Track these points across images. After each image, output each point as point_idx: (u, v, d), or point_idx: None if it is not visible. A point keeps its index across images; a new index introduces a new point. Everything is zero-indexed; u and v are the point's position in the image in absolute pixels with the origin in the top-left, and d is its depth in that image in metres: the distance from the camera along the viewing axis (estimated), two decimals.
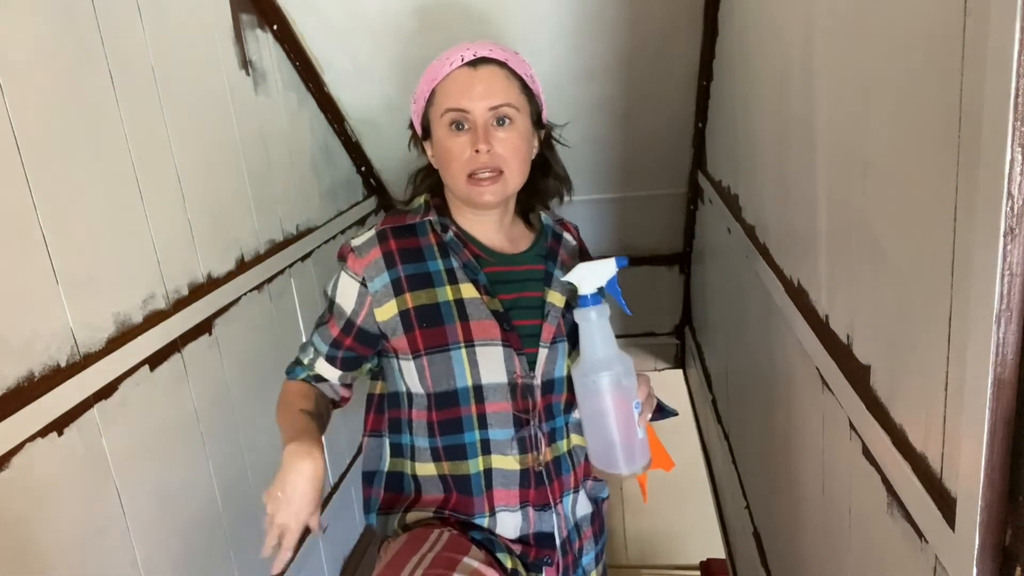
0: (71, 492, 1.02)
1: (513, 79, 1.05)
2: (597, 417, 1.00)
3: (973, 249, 0.58)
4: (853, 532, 0.97)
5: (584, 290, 1.00)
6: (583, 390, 1.00)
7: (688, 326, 2.94)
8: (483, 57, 1.03)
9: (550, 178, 1.18)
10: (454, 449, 1.07)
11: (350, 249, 1.08)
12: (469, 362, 1.04)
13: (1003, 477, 0.58)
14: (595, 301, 1.00)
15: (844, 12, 0.89)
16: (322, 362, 1.13)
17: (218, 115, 1.49)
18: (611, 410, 0.98)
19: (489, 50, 1.04)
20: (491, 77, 1.03)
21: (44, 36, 1.03)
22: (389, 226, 1.09)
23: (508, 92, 1.04)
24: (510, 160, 1.04)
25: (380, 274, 1.06)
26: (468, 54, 1.03)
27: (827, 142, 0.98)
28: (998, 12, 0.52)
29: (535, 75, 1.10)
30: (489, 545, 1.06)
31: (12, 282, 0.94)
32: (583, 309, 0.99)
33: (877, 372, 0.85)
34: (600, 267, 1.01)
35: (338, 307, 1.09)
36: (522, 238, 1.16)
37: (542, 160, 1.16)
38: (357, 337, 1.09)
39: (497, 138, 1.03)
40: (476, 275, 1.07)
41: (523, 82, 1.07)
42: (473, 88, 1.02)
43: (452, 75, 1.04)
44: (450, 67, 1.03)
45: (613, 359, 0.99)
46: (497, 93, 1.03)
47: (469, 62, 1.03)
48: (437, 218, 1.10)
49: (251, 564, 1.50)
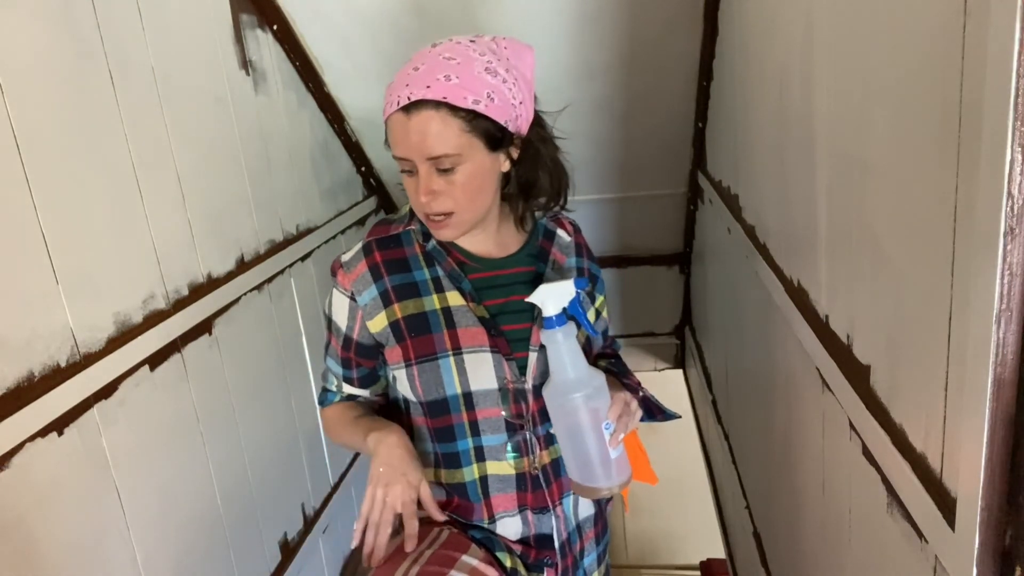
0: (71, 492, 1.02)
1: (452, 120, 0.94)
2: (573, 435, 1.01)
3: (973, 249, 0.58)
4: (853, 532, 0.97)
5: (548, 311, 1.00)
6: (557, 411, 1.01)
7: (688, 326, 2.94)
8: (418, 100, 0.93)
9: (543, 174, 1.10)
10: (449, 457, 1.08)
11: (339, 265, 1.09)
12: (457, 370, 1.04)
13: (1003, 477, 0.58)
14: (560, 322, 1.00)
15: (844, 11, 0.89)
16: (345, 385, 1.16)
17: (218, 115, 1.49)
18: (587, 428, 0.99)
19: (427, 87, 0.93)
20: (424, 126, 0.93)
21: (44, 36, 1.03)
22: (374, 238, 1.09)
23: (444, 140, 0.94)
24: (458, 200, 0.99)
25: (368, 287, 1.06)
26: (404, 95, 0.94)
27: (827, 142, 0.98)
28: (998, 12, 0.52)
29: (498, 85, 0.96)
30: (489, 544, 1.06)
31: (12, 282, 0.94)
32: (549, 331, 1.00)
33: (877, 372, 0.85)
34: (560, 288, 1.01)
35: (336, 326, 1.11)
36: (512, 240, 1.13)
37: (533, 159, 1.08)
38: (358, 352, 1.10)
39: (439, 184, 0.97)
40: (460, 283, 1.06)
41: (467, 116, 0.94)
42: (408, 138, 0.95)
43: (391, 118, 0.97)
44: (391, 107, 0.96)
45: (583, 379, 1.00)
46: (431, 145, 0.94)
47: (403, 107, 0.94)
48: (419, 227, 1.09)
49: (251, 564, 1.50)
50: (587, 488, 1.02)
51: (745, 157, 1.57)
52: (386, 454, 0.99)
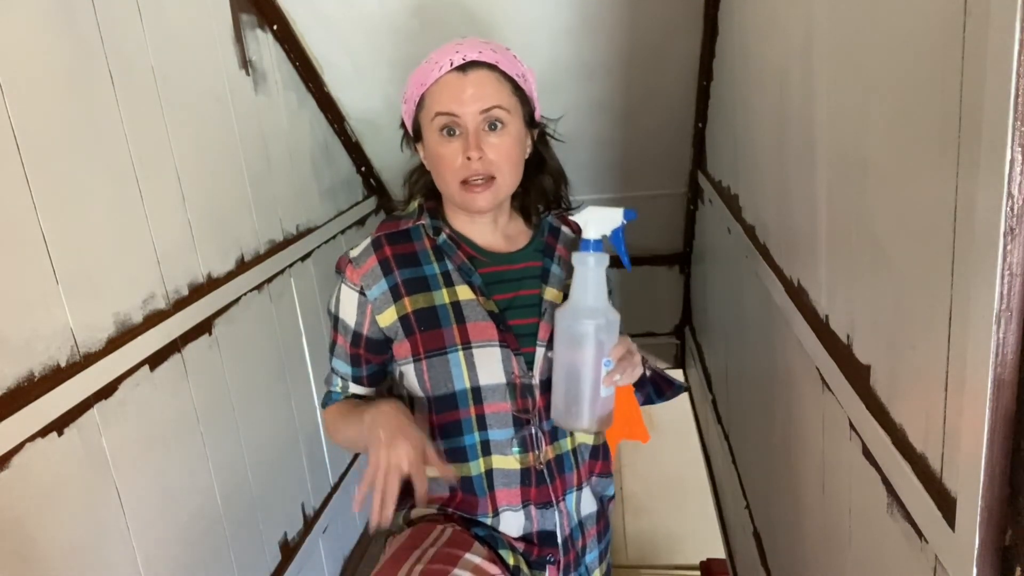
0: (71, 492, 1.02)
1: (504, 81, 1.03)
2: (571, 363, 0.99)
3: (973, 249, 0.58)
4: (853, 532, 0.97)
5: (588, 233, 0.98)
6: (563, 334, 0.99)
7: (688, 326, 2.94)
8: (473, 61, 1.01)
9: (547, 175, 1.17)
10: (455, 452, 1.07)
11: (348, 260, 1.09)
12: (467, 364, 1.04)
13: (1003, 477, 0.58)
14: (597, 248, 0.98)
15: (844, 12, 0.89)
16: (352, 385, 1.14)
17: (218, 115, 1.49)
18: (588, 359, 0.97)
19: (479, 52, 1.01)
20: (481, 81, 1.01)
21: (44, 36, 1.03)
22: (383, 233, 1.10)
23: (499, 95, 1.02)
24: (502, 165, 1.03)
25: (378, 281, 1.06)
26: (457, 58, 1.01)
27: (827, 142, 0.98)
28: (998, 12, 0.52)
29: (527, 72, 1.08)
30: (492, 542, 1.06)
31: (12, 282, 0.94)
32: (582, 253, 0.98)
33: (877, 372, 0.85)
34: (608, 214, 0.98)
35: (343, 323, 1.10)
36: (520, 236, 1.16)
37: (538, 158, 1.15)
38: (368, 348, 1.10)
39: (489, 143, 1.01)
40: (470, 277, 1.07)
41: (514, 83, 1.04)
42: (463, 92, 1.00)
43: (442, 80, 1.01)
44: (439, 72, 1.01)
45: (600, 309, 0.98)
46: (487, 96, 1.01)
47: (459, 67, 1.01)
48: (430, 221, 1.10)
49: (251, 564, 1.50)
50: (566, 421, 1.01)
51: (745, 157, 1.57)
52: (384, 420, 0.96)
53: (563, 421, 1.02)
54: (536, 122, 1.11)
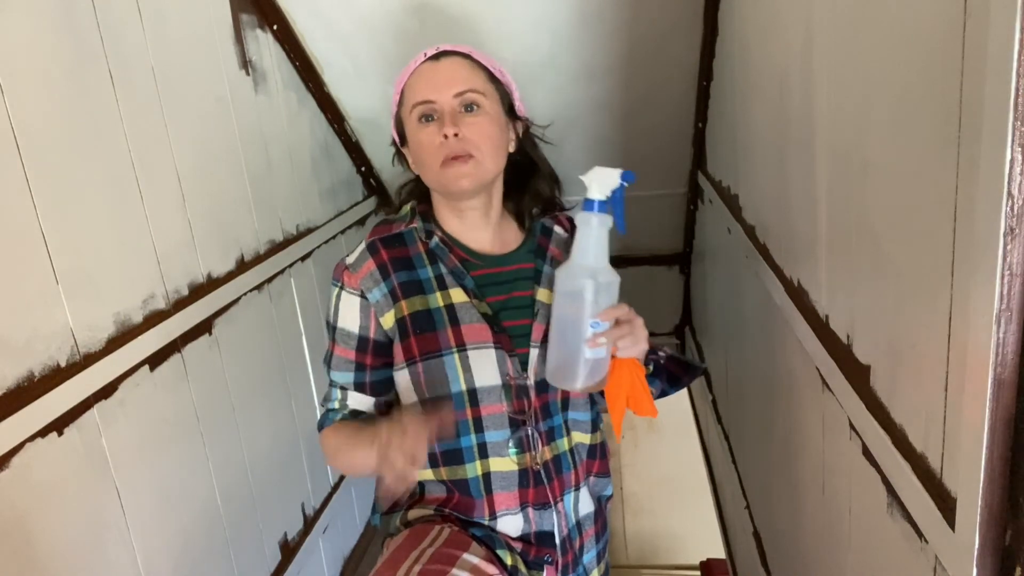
0: (71, 492, 1.02)
1: (477, 68, 1.07)
2: (562, 321, 0.99)
3: (973, 249, 0.58)
4: (853, 532, 0.97)
5: (592, 194, 0.98)
6: (561, 289, 0.99)
7: (688, 326, 2.94)
8: (445, 51, 1.06)
9: (539, 177, 1.17)
10: (451, 454, 1.07)
11: (345, 267, 1.09)
12: (462, 367, 1.04)
13: (1003, 477, 0.58)
14: (601, 209, 0.98)
15: (844, 12, 0.89)
16: (353, 395, 1.11)
17: (218, 115, 1.49)
18: (583, 319, 0.97)
19: (453, 46, 1.07)
20: (453, 66, 1.05)
21: (44, 37, 1.03)
22: (377, 237, 1.10)
23: (473, 79, 1.05)
24: (480, 144, 1.03)
25: (377, 285, 1.07)
26: (431, 50, 1.07)
27: (827, 142, 0.98)
28: (998, 12, 0.52)
29: (504, 70, 1.12)
30: (489, 542, 1.06)
31: (12, 282, 0.94)
32: (586, 213, 0.98)
33: (877, 372, 0.85)
34: (609, 175, 0.98)
35: (345, 331, 1.09)
36: (512, 238, 1.16)
37: (529, 161, 1.16)
38: (375, 352, 1.09)
39: (465, 123, 1.03)
40: (463, 280, 1.07)
41: (489, 72, 1.08)
42: (437, 77, 1.04)
43: (416, 71, 1.06)
44: (415, 64, 1.07)
45: (600, 270, 0.98)
46: (461, 80, 1.04)
47: (431, 56, 1.06)
48: (422, 225, 1.10)
49: (251, 564, 1.50)
50: (556, 379, 1.01)
51: (745, 157, 1.57)
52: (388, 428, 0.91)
53: (553, 379, 1.02)
54: (518, 115, 1.13)
